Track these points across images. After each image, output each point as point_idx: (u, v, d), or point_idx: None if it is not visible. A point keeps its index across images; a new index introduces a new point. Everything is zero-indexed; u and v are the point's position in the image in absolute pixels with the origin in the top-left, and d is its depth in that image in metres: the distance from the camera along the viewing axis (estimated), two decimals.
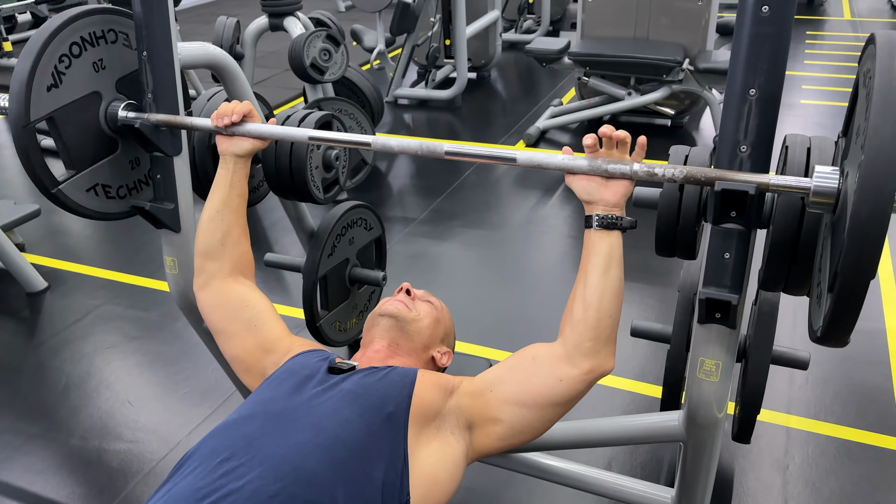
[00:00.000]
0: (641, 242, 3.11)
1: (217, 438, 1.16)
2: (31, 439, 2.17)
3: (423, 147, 1.31)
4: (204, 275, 1.47)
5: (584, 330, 1.23)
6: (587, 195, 1.24)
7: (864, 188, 0.89)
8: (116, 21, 1.57)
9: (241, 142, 1.45)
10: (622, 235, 1.27)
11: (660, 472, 1.97)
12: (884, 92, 0.90)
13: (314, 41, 3.24)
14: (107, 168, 1.61)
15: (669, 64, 4.03)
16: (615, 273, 1.26)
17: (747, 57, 1.10)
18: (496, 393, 1.26)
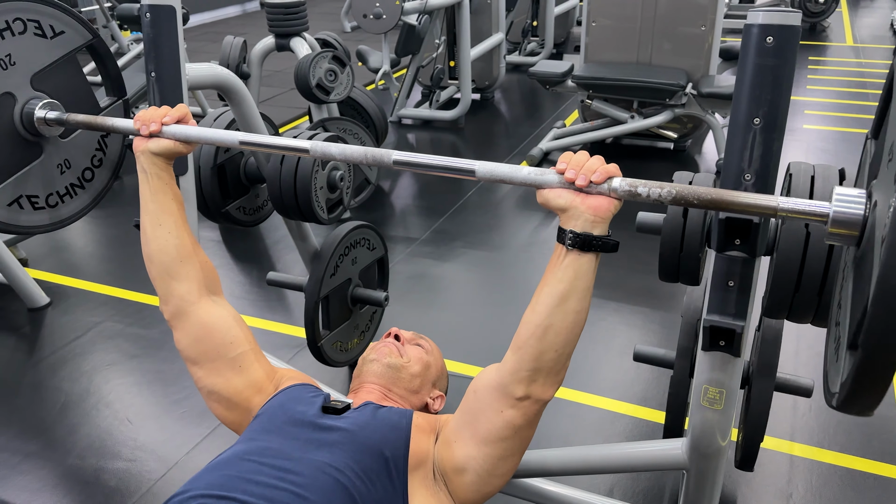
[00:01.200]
0: (644, 266, 3.13)
1: (212, 475, 1.14)
2: (29, 458, 2.16)
3: (367, 155, 1.20)
4: (173, 300, 1.37)
5: (523, 357, 1.13)
6: (566, 203, 1.06)
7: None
8: (22, 8, 1.39)
9: (161, 141, 1.32)
10: (598, 258, 1.10)
11: (662, 498, 1.95)
12: None
13: (320, 62, 3.26)
14: (30, 177, 1.45)
15: (672, 88, 4.05)
16: (574, 305, 1.09)
17: (751, 87, 1.11)
18: (458, 441, 1.23)
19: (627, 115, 4.33)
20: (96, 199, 1.65)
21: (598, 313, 2.82)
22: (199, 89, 1.62)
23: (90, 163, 1.61)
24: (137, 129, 1.33)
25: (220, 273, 3.19)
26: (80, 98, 1.54)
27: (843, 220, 0.87)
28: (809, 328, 2.60)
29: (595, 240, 1.07)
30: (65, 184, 1.54)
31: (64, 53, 1.49)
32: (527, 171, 1.09)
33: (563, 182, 1.06)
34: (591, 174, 1.03)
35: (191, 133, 1.31)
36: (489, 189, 4.10)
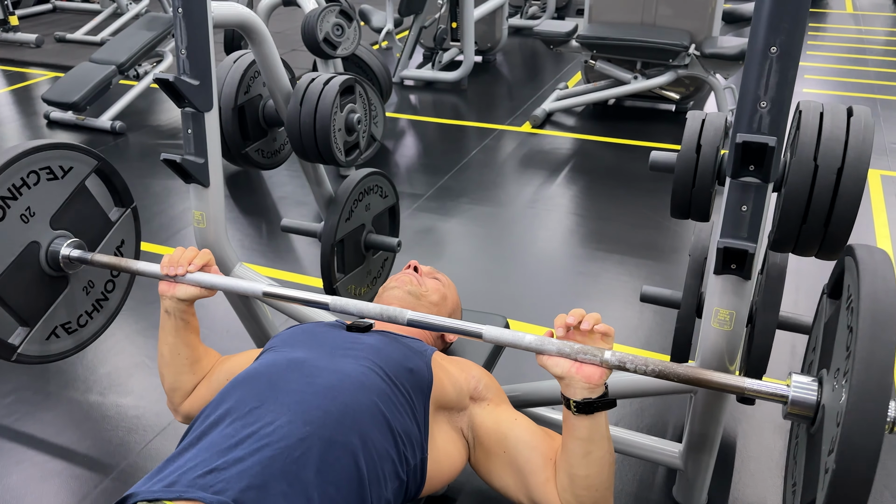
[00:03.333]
0: (647, 222, 3.19)
1: (243, 388, 1.18)
2: (50, 396, 2.22)
3: (383, 314, 1.28)
4: (177, 397, 1.46)
5: (573, 501, 1.19)
6: (562, 372, 1.14)
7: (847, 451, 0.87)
8: (34, 160, 1.49)
9: (187, 289, 1.39)
10: (605, 414, 1.17)
11: (665, 433, 2.03)
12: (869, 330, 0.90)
13: (327, 16, 3.27)
14: (62, 308, 1.57)
15: (676, 48, 4.08)
16: (598, 453, 1.17)
17: (769, 17, 1.15)
18: (503, 462, 1.27)
19: (630, 76, 4.36)
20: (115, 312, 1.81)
21: (604, 265, 2.88)
22: (223, 28, 1.65)
23: (110, 275, 1.75)
24: (164, 275, 1.39)
25: (231, 227, 3.26)
26: (93, 220, 1.67)
27: (800, 402, 1.04)
28: (808, 275, 2.67)
29: (595, 404, 1.14)
30: (91, 301, 1.66)
31: (75, 187, 1.60)
32: (529, 339, 1.18)
33: (562, 350, 1.14)
34: (591, 321, 1.14)
35: (215, 282, 1.38)
36: (493, 147, 4.14)
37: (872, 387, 0.87)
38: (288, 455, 1.03)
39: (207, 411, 1.16)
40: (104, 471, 1.94)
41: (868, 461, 0.87)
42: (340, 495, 1.03)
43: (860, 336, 0.90)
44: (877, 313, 0.91)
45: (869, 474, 0.87)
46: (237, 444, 1.05)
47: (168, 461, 1.07)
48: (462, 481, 1.87)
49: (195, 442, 1.09)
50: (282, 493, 0.99)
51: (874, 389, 0.87)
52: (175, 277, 1.38)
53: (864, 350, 0.89)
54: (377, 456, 1.10)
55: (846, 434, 0.87)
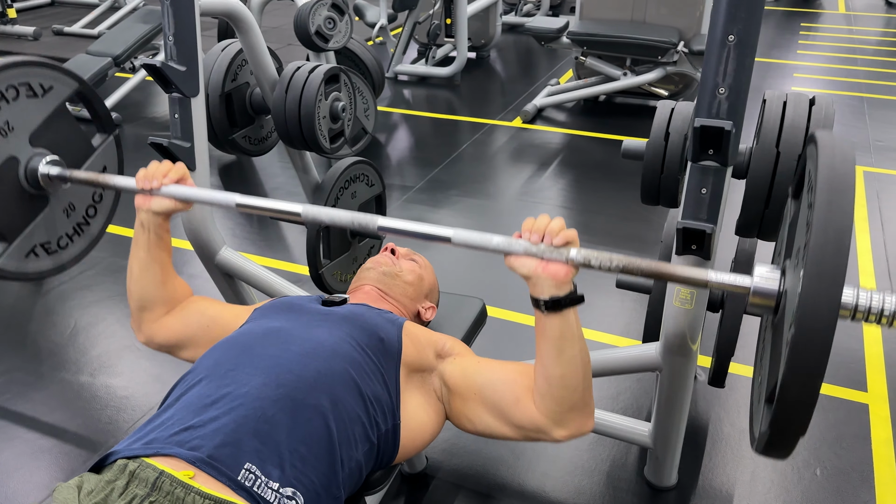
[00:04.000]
0: (632, 215, 3.24)
1: (219, 352, 1.23)
2: (43, 377, 2.27)
3: (354, 221, 1.27)
4: (144, 324, 1.45)
5: (552, 403, 1.20)
6: (529, 272, 1.15)
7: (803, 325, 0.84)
8: (13, 75, 1.48)
9: (162, 201, 1.38)
10: (574, 310, 1.18)
11: (640, 417, 2.09)
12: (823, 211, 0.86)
13: (319, 9, 3.32)
14: (41, 227, 1.56)
15: (665, 45, 4.13)
16: (571, 351, 1.18)
17: (727, 6, 1.20)
18: (477, 403, 1.29)
19: (620, 73, 4.41)
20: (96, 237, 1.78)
21: None
22: (210, 16, 1.70)
23: (91, 200, 1.72)
24: (139, 188, 1.39)
25: (222, 215, 3.31)
26: (74, 143, 1.64)
27: (762, 292, 1.01)
28: None
29: (563, 300, 1.15)
30: (71, 225, 1.64)
31: (55, 107, 1.57)
32: (497, 241, 1.18)
33: (528, 250, 1.14)
34: (552, 236, 1.13)
35: (189, 194, 1.37)
36: (484, 142, 4.19)
37: (830, 249, 0.84)
38: (261, 414, 1.08)
39: (186, 377, 1.21)
40: (93, 447, 1.99)
41: (829, 309, 0.83)
42: (311, 453, 1.08)
43: (817, 205, 0.87)
44: (833, 180, 0.88)
45: (829, 325, 0.84)
46: (212, 403, 1.10)
47: (148, 422, 1.12)
48: (441, 460, 1.92)
49: (173, 403, 1.14)
50: (255, 450, 1.04)
51: (832, 251, 0.84)
52: (151, 191, 1.37)
53: (822, 216, 0.86)
54: (347, 419, 1.15)
55: (806, 289, 0.84)
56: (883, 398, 2.14)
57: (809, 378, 0.86)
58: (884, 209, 3.28)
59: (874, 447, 1.96)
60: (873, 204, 3.33)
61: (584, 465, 1.91)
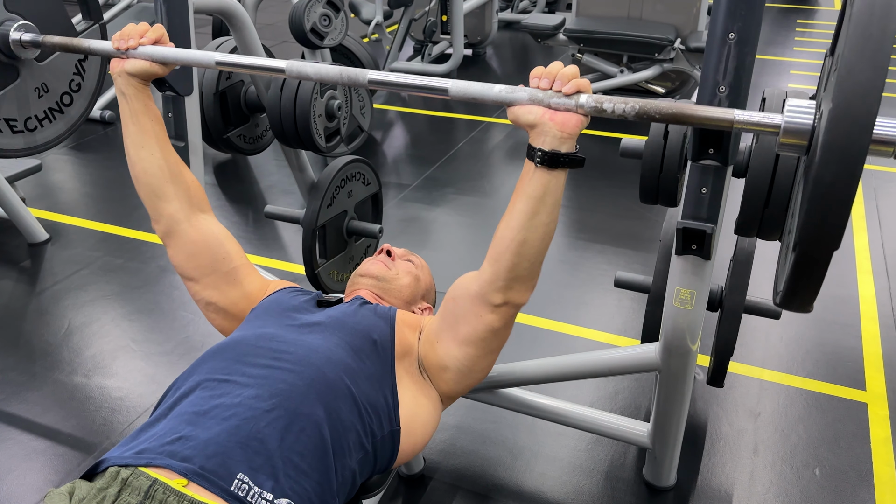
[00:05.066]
0: (628, 213, 3.23)
1: (212, 361, 1.22)
2: (36, 377, 2.25)
3: (342, 74, 1.20)
4: (163, 220, 1.41)
5: (499, 269, 1.20)
6: (535, 119, 1.08)
7: (833, 127, 0.76)
8: None
9: (137, 62, 1.32)
10: (566, 173, 1.13)
11: (638, 417, 2.08)
12: (861, 17, 0.77)
13: (315, 6, 3.30)
14: (7, 100, 1.45)
15: (661, 42, 4.12)
16: (544, 217, 1.15)
17: (728, 4, 1.19)
18: (440, 342, 1.32)
19: (617, 70, 4.40)
20: (74, 125, 1.65)
21: (584, 254, 2.92)
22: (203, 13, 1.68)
23: (68, 87, 1.62)
24: (115, 48, 1.33)
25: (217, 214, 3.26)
26: (55, 20, 1.54)
27: (793, 129, 0.90)
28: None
29: (563, 157, 1.09)
30: (43, 108, 1.54)
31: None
32: (498, 89, 1.11)
33: (534, 97, 1.07)
34: (564, 82, 1.05)
35: (166, 54, 1.30)
36: (480, 139, 4.17)
37: (866, 55, 0.75)
38: (254, 425, 1.07)
39: (178, 384, 1.19)
40: (87, 449, 1.97)
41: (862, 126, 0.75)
42: (304, 462, 1.07)
43: (853, 22, 0.77)
44: (870, 24, 0.78)
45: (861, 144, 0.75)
46: (204, 413, 1.08)
47: (140, 430, 1.11)
48: (438, 461, 1.91)
49: (166, 412, 1.13)
50: (247, 460, 1.03)
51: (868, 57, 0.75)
52: (127, 52, 1.31)
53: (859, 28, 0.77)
54: (342, 427, 1.14)
55: (835, 109, 0.76)
56: (881, 397, 2.13)
57: (836, 205, 0.78)
58: (881, 207, 3.28)
59: (873, 446, 1.95)
60: (871, 202, 3.33)
61: (583, 466, 1.90)
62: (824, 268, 0.84)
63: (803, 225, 0.82)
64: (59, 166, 3.88)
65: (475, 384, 1.38)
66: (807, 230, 0.81)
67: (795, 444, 1.97)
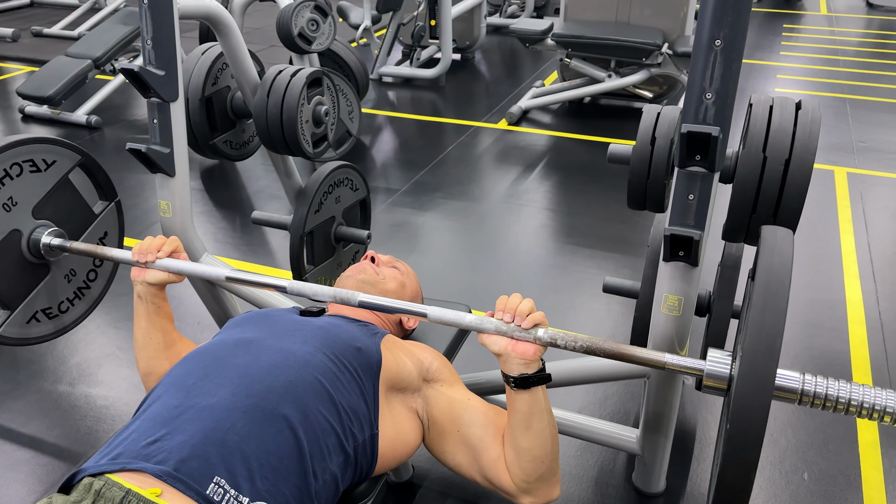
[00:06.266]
0: (617, 217, 3.24)
1: (189, 363, 1.22)
2: (20, 385, 2.23)
3: (336, 296, 1.34)
4: (151, 379, 1.48)
5: (520, 473, 1.24)
6: (499, 349, 1.21)
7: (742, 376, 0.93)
8: (17, 153, 1.55)
9: (156, 274, 1.45)
10: (543, 388, 1.23)
11: (628, 422, 2.08)
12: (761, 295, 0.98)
13: (302, 11, 3.28)
14: (42, 294, 1.64)
15: (649, 47, 4.13)
16: (538, 425, 1.22)
17: (713, 11, 1.19)
18: (457, 441, 1.31)
19: (605, 75, 4.41)
20: (95, 302, 1.86)
21: (573, 258, 2.92)
22: (189, 19, 1.67)
23: (92, 264, 1.80)
24: (135, 261, 1.46)
25: (204, 220, 3.27)
26: (76, 212, 1.72)
27: (714, 375, 1.09)
28: None
29: (531, 378, 1.21)
30: (73, 289, 1.73)
31: (57, 180, 1.65)
32: (470, 318, 1.24)
33: (499, 328, 1.21)
34: (522, 318, 1.20)
35: (182, 268, 1.45)
36: (469, 144, 4.17)
37: (762, 350, 0.93)
38: (230, 426, 1.06)
39: (156, 388, 1.18)
40: (72, 459, 1.95)
41: (759, 408, 0.92)
42: (282, 465, 1.06)
43: (753, 306, 0.96)
44: (769, 285, 0.98)
45: (760, 419, 0.91)
46: (179, 414, 1.07)
47: (117, 435, 1.10)
48: (427, 468, 1.90)
49: (141, 415, 1.12)
50: (223, 462, 1.02)
51: (763, 353, 0.93)
52: (146, 264, 1.44)
53: (756, 318, 0.95)
54: (319, 430, 1.13)
55: (739, 390, 0.93)
56: None
57: (742, 468, 0.92)
58: (867, 210, 3.30)
59: (861, 450, 1.96)
60: (857, 206, 3.35)
61: (572, 472, 1.89)
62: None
63: (716, 481, 0.97)
64: None
65: None
66: (720, 485, 0.96)
67: (784, 449, 1.97)
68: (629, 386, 2.20)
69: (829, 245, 3.01)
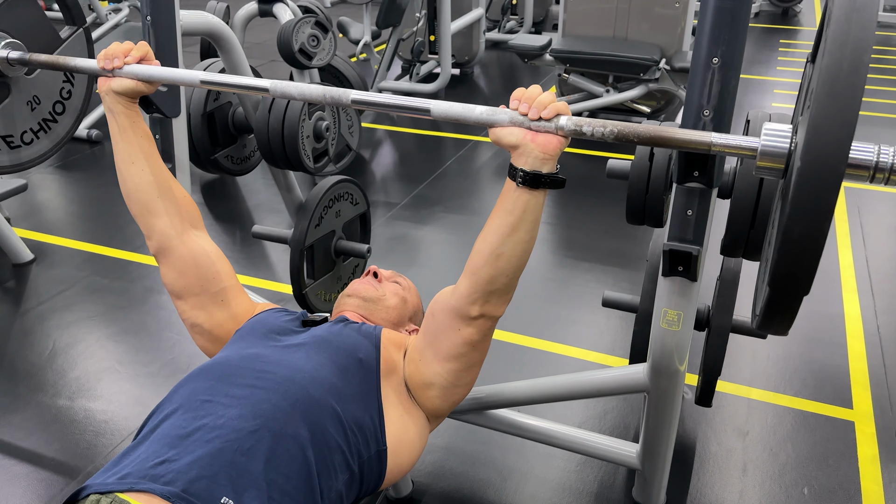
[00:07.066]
0: (616, 230, 3.25)
1: (195, 382, 1.21)
2: (19, 399, 2.22)
3: (326, 95, 1.21)
4: (155, 236, 1.40)
5: (476, 282, 1.21)
6: (516, 140, 1.10)
7: (808, 150, 0.76)
8: None
9: (123, 81, 1.33)
10: (546, 193, 1.15)
11: (627, 436, 2.08)
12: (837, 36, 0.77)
13: (303, 27, 3.31)
14: (2, 118, 1.48)
15: (647, 62, 4.16)
16: (522, 235, 1.17)
17: (711, 29, 1.21)
18: (423, 360, 1.32)
19: (603, 90, 4.44)
20: (61, 140, 1.67)
21: (572, 272, 2.93)
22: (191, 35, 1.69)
23: (59, 96, 1.63)
24: (100, 68, 1.34)
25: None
26: (39, 32, 1.55)
27: (770, 153, 0.91)
28: None
29: (544, 177, 1.12)
30: (38, 119, 1.57)
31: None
32: (480, 111, 1.12)
33: (514, 119, 1.09)
34: (541, 109, 1.08)
35: (151, 72, 1.32)
36: (468, 158, 4.19)
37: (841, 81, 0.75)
38: (238, 447, 1.06)
39: (162, 406, 1.18)
40: (71, 474, 1.95)
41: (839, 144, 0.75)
42: (290, 484, 1.06)
43: (831, 29, 0.76)
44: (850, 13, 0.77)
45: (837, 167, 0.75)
46: (188, 435, 1.07)
47: (123, 455, 1.09)
48: (427, 483, 1.90)
49: (148, 435, 1.11)
50: (231, 483, 1.02)
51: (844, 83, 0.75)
52: (112, 71, 1.33)
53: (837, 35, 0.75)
54: (326, 448, 1.13)
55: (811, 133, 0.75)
56: (868, 415, 2.14)
57: (813, 220, 0.76)
58: (865, 224, 3.31)
59: (860, 465, 1.96)
60: (854, 220, 3.36)
61: (573, 487, 1.89)
62: (794, 308, 0.84)
63: (772, 271, 0.82)
64: (45, 186, 3.85)
65: (461, 399, 1.38)
66: (775, 277, 0.82)
67: (784, 463, 1.97)
68: (629, 400, 2.20)
69: (827, 259, 3.02)
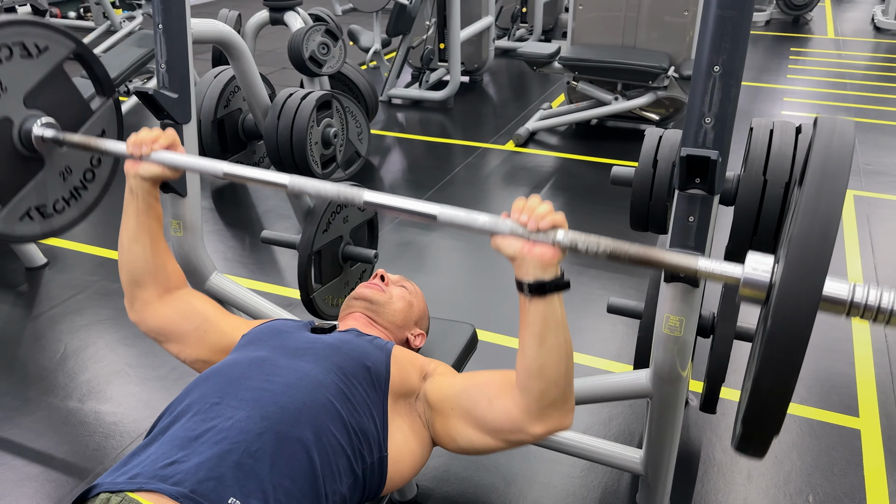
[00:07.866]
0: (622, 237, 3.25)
1: (205, 384, 1.23)
2: (30, 401, 2.25)
3: (339, 194, 1.26)
4: (137, 303, 1.45)
5: (530, 397, 1.18)
6: (514, 252, 1.12)
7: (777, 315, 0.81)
8: (5, 35, 1.44)
9: (150, 166, 1.38)
10: (560, 297, 1.15)
11: (632, 442, 2.08)
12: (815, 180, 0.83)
13: (313, 35, 3.35)
14: (36, 190, 1.55)
15: (655, 70, 4.17)
16: (553, 342, 1.15)
17: (712, 38, 1.22)
18: (457, 417, 1.28)
19: (612, 97, 4.45)
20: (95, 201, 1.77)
21: (579, 279, 2.94)
22: (202, 43, 1.72)
23: (89, 164, 1.71)
24: (129, 153, 1.39)
25: (214, 239, 3.31)
26: (71, 106, 1.62)
27: (752, 283, 0.95)
28: None
29: (548, 284, 1.12)
30: (69, 188, 1.64)
31: (51, 68, 1.55)
32: (483, 220, 1.15)
33: (515, 230, 1.11)
34: (539, 220, 1.10)
35: (178, 161, 1.37)
36: (477, 165, 4.21)
37: (815, 234, 0.81)
38: (245, 448, 1.07)
39: (171, 408, 1.20)
40: (80, 475, 1.97)
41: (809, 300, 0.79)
42: (295, 487, 1.07)
43: (807, 184, 0.81)
44: (827, 162, 0.83)
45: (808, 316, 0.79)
46: (197, 437, 1.09)
47: (132, 455, 1.11)
48: (431, 488, 1.91)
49: (158, 436, 1.13)
50: (238, 484, 1.03)
51: (817, 235, 0.81)
52: (140, 157, 1.38)
53: (810, 199, 0.81)
54: (331, 451, 1.14)
55: (785, 277, 0.80)
56: (875, 424, 2.13)
57: (782, 372, 0.83)
58: (874, 233, 3.30)
59: (866, 473, 1.95)
60: (864, 229, 3.35)
61: (576, 493, 1.89)
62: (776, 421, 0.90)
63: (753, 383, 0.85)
64: None
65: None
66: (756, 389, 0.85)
67: (789, 471, 1.97)
68: (633, 406, 2.21)
69: (835, 267, 3.01)
